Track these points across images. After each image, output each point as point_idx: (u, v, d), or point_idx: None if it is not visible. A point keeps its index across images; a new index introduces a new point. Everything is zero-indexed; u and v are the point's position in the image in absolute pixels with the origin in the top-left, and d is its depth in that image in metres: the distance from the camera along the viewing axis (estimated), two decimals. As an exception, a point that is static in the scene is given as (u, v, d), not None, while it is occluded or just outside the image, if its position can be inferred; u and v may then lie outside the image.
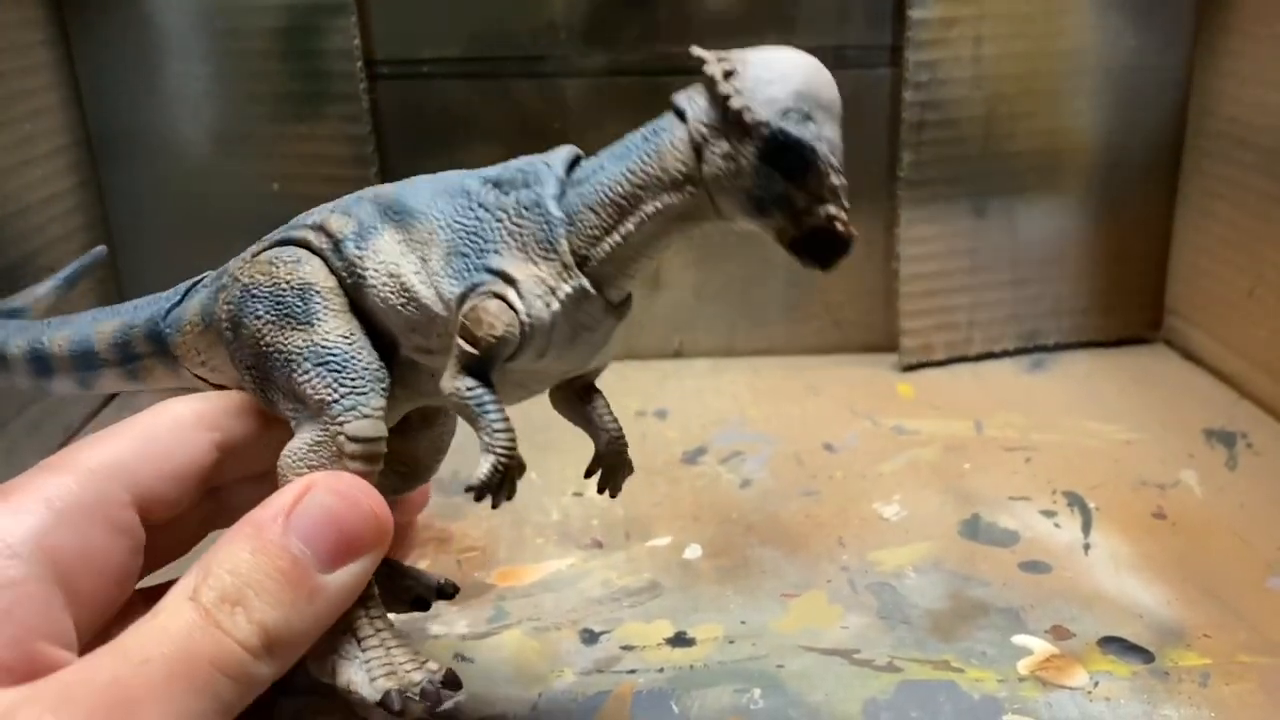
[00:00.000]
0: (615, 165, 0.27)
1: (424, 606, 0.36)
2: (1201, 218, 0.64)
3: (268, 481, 0.30)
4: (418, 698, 0.27)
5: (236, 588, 0.25)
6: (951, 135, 0.62)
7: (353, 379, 0.29)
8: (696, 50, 0.26)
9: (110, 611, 0.28)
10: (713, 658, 0.39)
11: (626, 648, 0.40)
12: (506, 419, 0.27)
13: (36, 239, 0.58)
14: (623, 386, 0.64)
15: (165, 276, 0.66)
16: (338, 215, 0.30)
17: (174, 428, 0.30)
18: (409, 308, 0.29)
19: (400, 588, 0.36)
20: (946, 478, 0.53)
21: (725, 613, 0.42)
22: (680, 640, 0.40)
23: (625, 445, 0.33)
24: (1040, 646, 0.39)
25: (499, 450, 0.27)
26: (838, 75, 0.26)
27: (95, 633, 0.27)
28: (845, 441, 0.57)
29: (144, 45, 0.62)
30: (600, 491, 0.33)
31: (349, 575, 0.27)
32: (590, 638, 0.41)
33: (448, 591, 0.37)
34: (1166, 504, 0.50)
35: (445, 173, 0.30)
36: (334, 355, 0.29)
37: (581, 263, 0.28)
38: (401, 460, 0.34)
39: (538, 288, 0.27)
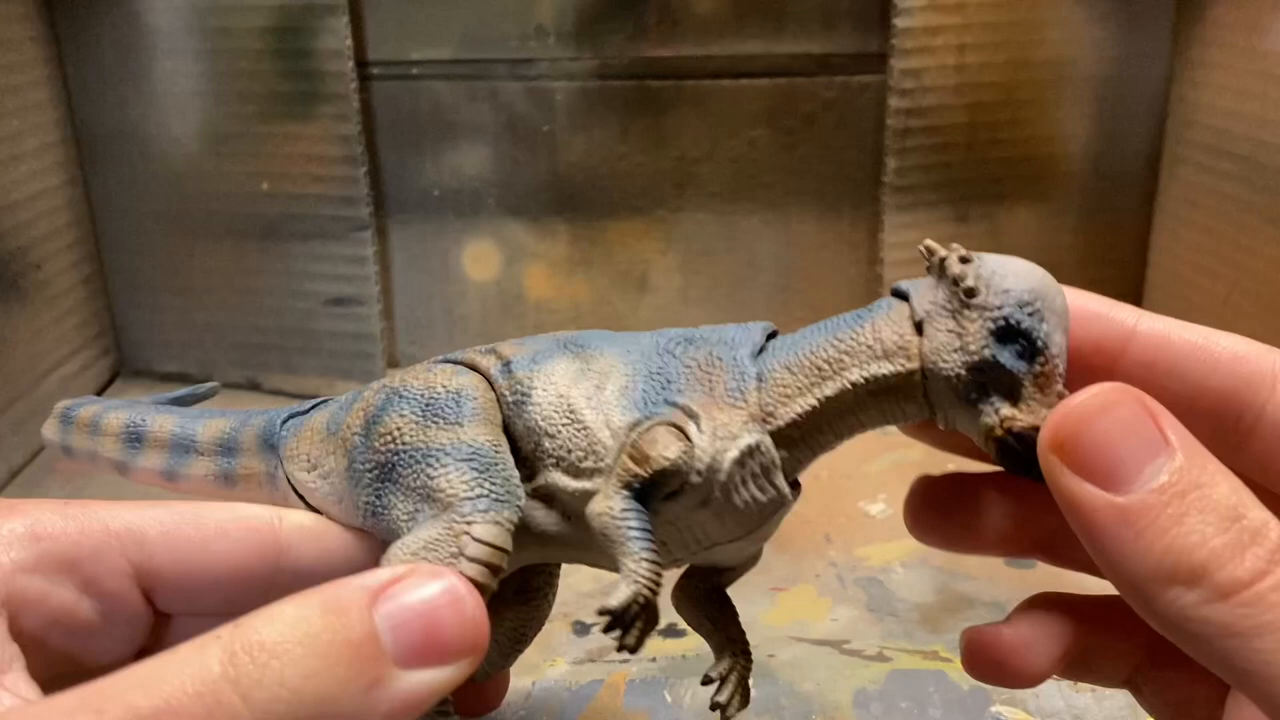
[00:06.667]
0: (819, 334, 0.26)
1: None
2: (1179, 225, 0.65)
3: None
4: None
5: (284, 640, 0.20)
6: (935, 142, 0.63)
7: (494, 482, 0.26)
8: (928, 243, 0.25)
9: (80, 665, 0.26)
10: (704, 648, 0.39)
11: (618, 639, 0.40)
12: (655, 551, 0.24)
13: (22, 235, 0.58)
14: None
15: (152, 274, 0.67)
16: (511, 343, 0.29)
17: (229, 523, 0.27)
18: (570, 428, 0.26)
19: None
20: (931, 477, 0.53)
21: (715, 606, 0.42)
22: (671, 631, 0.41)
23: (750, 667, 0.30)
24: (1026, 638, 0.40)
25: (641, 580, 0.24)
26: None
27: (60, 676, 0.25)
28: (831, 442, 0.57)
29: (134, 43, 0.62)
30: (713, 708, 0.29)
31: (425, 680, 0.21)
32: (582, 629, 0.41)
33: None
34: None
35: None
36: (480, 455, 0.26)
37: (767, 419, 0.25)
38: None
39: (719, 430, 0.25)
